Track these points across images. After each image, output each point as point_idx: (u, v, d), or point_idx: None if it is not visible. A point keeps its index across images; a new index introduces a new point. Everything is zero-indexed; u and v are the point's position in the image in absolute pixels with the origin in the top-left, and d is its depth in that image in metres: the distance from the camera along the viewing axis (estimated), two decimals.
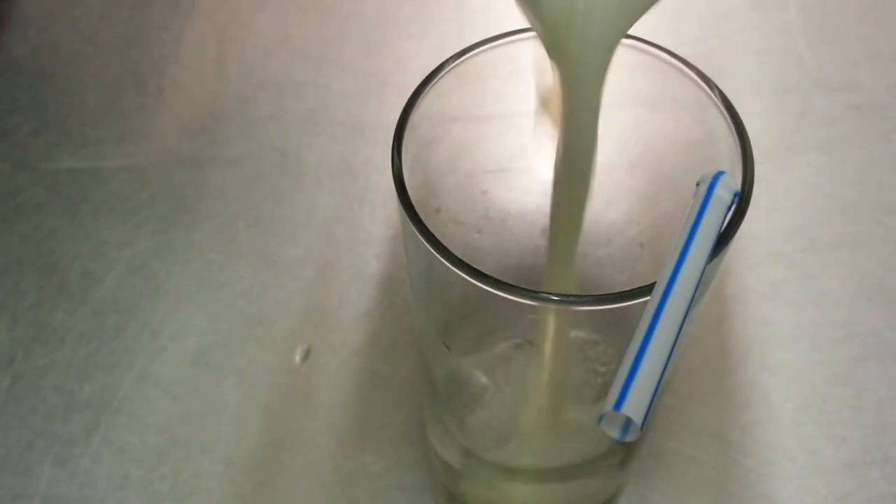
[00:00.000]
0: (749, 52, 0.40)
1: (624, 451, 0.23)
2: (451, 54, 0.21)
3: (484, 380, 0.23)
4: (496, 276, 0.18)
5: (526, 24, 0.19)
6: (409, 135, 0.21)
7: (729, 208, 0.18)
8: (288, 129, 0.38)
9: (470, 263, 0.18)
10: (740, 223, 0.19)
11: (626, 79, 0.22)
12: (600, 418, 0.15)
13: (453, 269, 0.18)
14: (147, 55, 0.41)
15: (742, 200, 0.19)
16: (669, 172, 0.24)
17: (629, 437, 0.15)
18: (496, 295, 0.18)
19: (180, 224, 0.35)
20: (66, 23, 0.42)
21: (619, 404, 0.14)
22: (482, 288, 0.18)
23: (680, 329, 0.16)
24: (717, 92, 0.20)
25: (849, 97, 0.38)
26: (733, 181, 0.19)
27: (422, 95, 0.21)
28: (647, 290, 0.17)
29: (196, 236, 0.35)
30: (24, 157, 0.37)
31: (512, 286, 0.17)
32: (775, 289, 0.33)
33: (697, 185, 0.19)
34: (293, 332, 0.32)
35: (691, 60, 0.22)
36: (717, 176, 0.19)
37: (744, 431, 0.30)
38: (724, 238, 0.19)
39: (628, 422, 0.15)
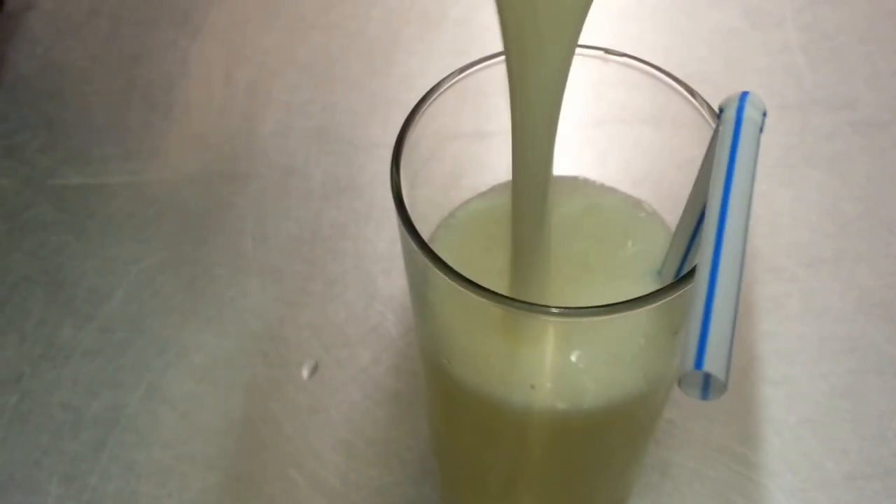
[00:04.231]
0: (751, 70, 0.41)
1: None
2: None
3: (484, 392, 0.23)
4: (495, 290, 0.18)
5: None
6: (409, 151, 0.21)
7: (761, 130, 0.17)
8: (295, 146, 0.38)
9: (469, 277, 0.18)
10: None
11: (628, 97, 0.23)
12: (679, 380, 0.14)
13: (451, 282, 0.18)
14: (154, 73, 0.41)
15: None
16: (670, 189, 0.24)
17: (712, 396, 0.14)
18: (494, 308, 0.18)
19: (187, 240, 0.36)
20: (74, 41, 0.42)
21: (699, 362, 0.13)
22: (480, 301, 0.18)
23: (742, 267, 0.15)
24: (706, 108, 0.21)
25: (847, 115, 0.39)
26: (759, 99, 0.17)
27: (420, 113, 0.21)
28: (639, 301, 0.18)
29: (203, 252, 0.35)
30: (32, 174, 0.38)
31: (510, 299, 0.18)
32: (777, 303, 0.33)
33: (721, 111, 0.17)
34: (300, 347, 0.32)
35: (696, 79, 0.22)
36: (744, 96, 0.17)
37: (747, 444, 0.30)
38: None
39: (708, 379, 0.14)
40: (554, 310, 0.18)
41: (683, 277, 0.18)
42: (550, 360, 0.20)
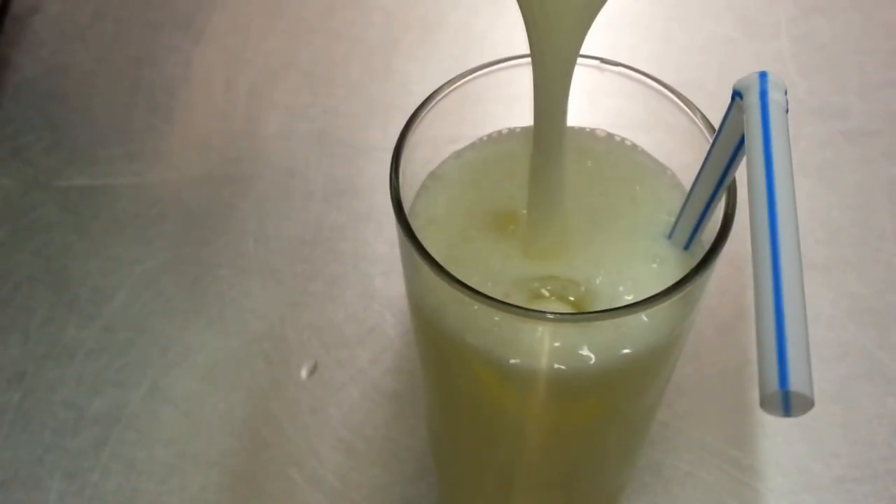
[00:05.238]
0: None
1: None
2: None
3: (482, 392, 0.23)
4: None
5: (524, 50, 0.20)
6: (408, 156, 0.21)
7: (787, 111, 0.16)
8: (296, 148, 0.39)
9: (465, 281, 0.18)
10: (726, 238, 0.19)
11: (623, 105, 0.23)
12: (762, 401, 0.13)
13: (449, 286, 0.18)
14: (158, 76, 0.41)
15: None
16: None
17: (795, 413, 0.13)
18: (491, 311, 0.18)
19: (190, 241, 0.36)
20: (79, 44, 0.43)
21: (783, 382, 0.12)
22: (480, 306, 0.18)
23: (801, 272, 0.13)
24: (699, 115, 0.21)
25: (839, 124, 0.39)
26: (778, 78, 0.16)
27: (419, 118, 0.21)
28: (640, 305, 0.18)
29: (205, 253, 0.36)
30: (37, 175, 0.38)
31: (504, 303, 0.18)
32: None
33: (740, 95, 0.16)
34: (300, 347, 0.33)
35: (690, 87, 0.23)
36: (763, 78, 0.15)
37: (739, 447, 0.30)
38: (715, 248, 0.19)
39: (788, 396, 0.12)
40: (549, 315, 0.18)
41: (684, 279, 0.19)
42: (548, 350, 0.21)
